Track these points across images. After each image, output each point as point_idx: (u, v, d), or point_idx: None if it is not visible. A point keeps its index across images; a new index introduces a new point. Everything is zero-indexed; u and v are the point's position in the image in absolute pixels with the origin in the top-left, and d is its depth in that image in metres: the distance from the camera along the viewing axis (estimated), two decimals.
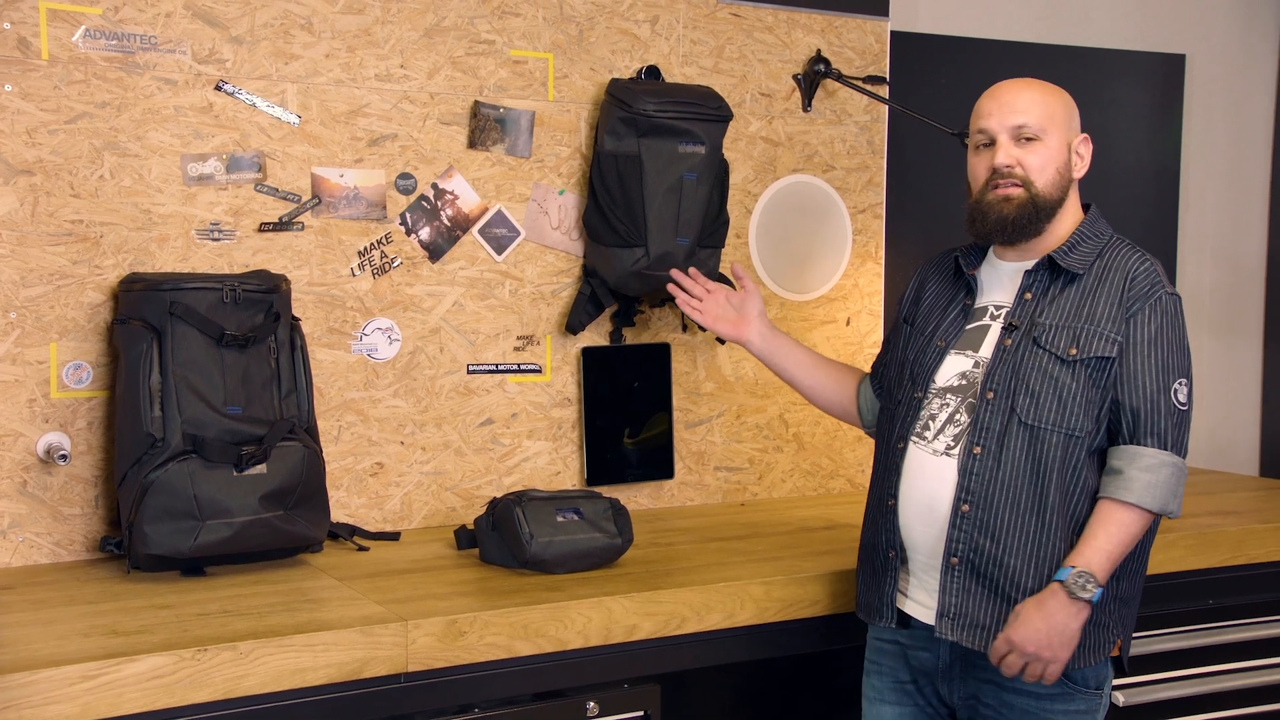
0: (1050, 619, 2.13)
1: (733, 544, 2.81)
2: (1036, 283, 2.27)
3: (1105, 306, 2.21)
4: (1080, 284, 2.24)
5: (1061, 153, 2.28)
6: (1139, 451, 2.17)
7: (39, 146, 2.55)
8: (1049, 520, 2.18)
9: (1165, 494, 2.17)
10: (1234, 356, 4.17)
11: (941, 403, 2.28)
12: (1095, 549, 2.15)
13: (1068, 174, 2.29)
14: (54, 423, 2.58)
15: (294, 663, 2.08)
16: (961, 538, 2.22)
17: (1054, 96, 2.30)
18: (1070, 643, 2.14)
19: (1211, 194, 4.13)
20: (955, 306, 2.35)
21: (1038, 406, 2.19)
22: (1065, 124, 2.29)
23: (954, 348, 2.31)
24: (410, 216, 2.89)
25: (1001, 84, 2.33)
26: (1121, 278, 2.22)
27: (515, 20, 2.98)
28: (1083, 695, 2.24)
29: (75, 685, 1.92)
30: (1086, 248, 2.27)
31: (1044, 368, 2.20)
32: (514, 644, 2.27)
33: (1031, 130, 2.26)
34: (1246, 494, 3.53)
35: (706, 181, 2.99)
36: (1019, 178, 2.26)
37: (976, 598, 2.21)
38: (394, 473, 2.90)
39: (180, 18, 2.66)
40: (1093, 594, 2.12)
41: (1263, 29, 4.12)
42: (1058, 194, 2.27)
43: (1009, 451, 2.19)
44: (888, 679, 2.39)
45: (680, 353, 3.21)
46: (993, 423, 2.21)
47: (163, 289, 2.48)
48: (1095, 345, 2.19)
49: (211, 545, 2.41)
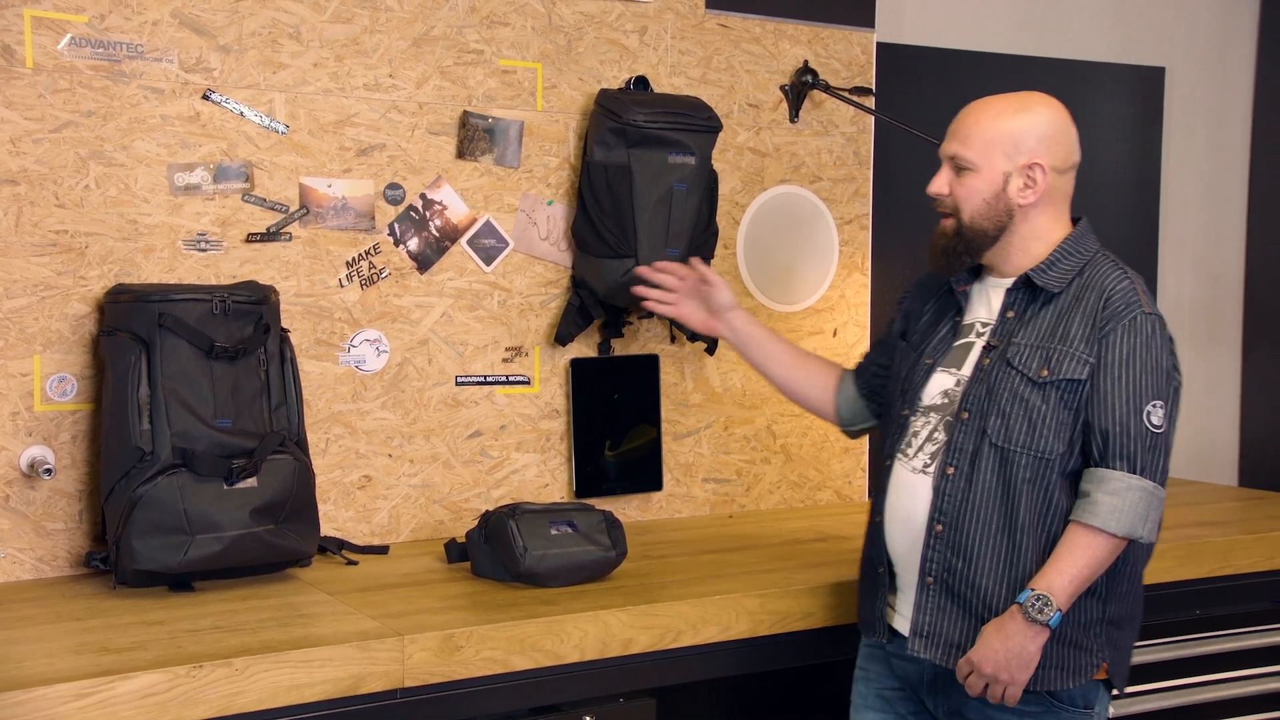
0: (1008, 641, 2.12)
1: (725, 556, 2.79)
2: (1016, 301, 2.25)
3: (1079, 326, 2.17)
4: (1057, 303, 2.20)
5: (994, 183, 2.21)
6: (1107, 475, 2.13)
7: (23, 155, 2.52)
8: (1020, 541, 2.17)
9: (1133, 519, 2.12)
10: (1213, 367, 4.20)
11: (924, 420, 2.28)
12: (1058, 572, 2.11)
13: (1001, 203, 2.21)
14: (38, 436, 2.54)
15: (289, 679, 2.05)
16: (935, 557, 2.21)
17: (1006, 121, 2.21)
18: (1028, 665, 2.12)
19: (1191, 205, 4.16)
20: (946, 323, 2.34)
21: (1008, 428, 2.17)
22: (1009, 152, 2.20)
23: (940, 365, 2.30)
24: (399, 227, 2.87)
25: (969, 105, 2.28)
26: (1097, 296, 2.18)
27: (504, 30, 2.96)
28: (1069, 713, 2.22)
29: (69, 704, 1.89)
30: (1066, 265, 2.22)
31: (1015, 389, 2.17)
32: (510, 658, 2.25)
33: (963, 160, 2.22)
34: (1229, 504, 3.55)
35: (696, 192, 2.99)
36: (949, 207, 2.25)
37: (950, 616, 2.21)
38: (382, 485, 2.88)
39: (167, 26, 2.63)
40: (1049, 617, 2.09)
41: (1241, 42, 4.16)
42: (989, 225, 2.22)
43: (980, 473, 2.18)
44: (873, 686, 2.39)
45: (668, 364, 3.20)
46: (966, 443, 2.20)
47: (151, 300, 2.45)
48: (1066, 367, 2.15)
49: (201, 560, 2.38)
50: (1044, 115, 2.24)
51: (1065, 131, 2.25)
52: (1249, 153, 4.16)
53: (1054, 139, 2.23)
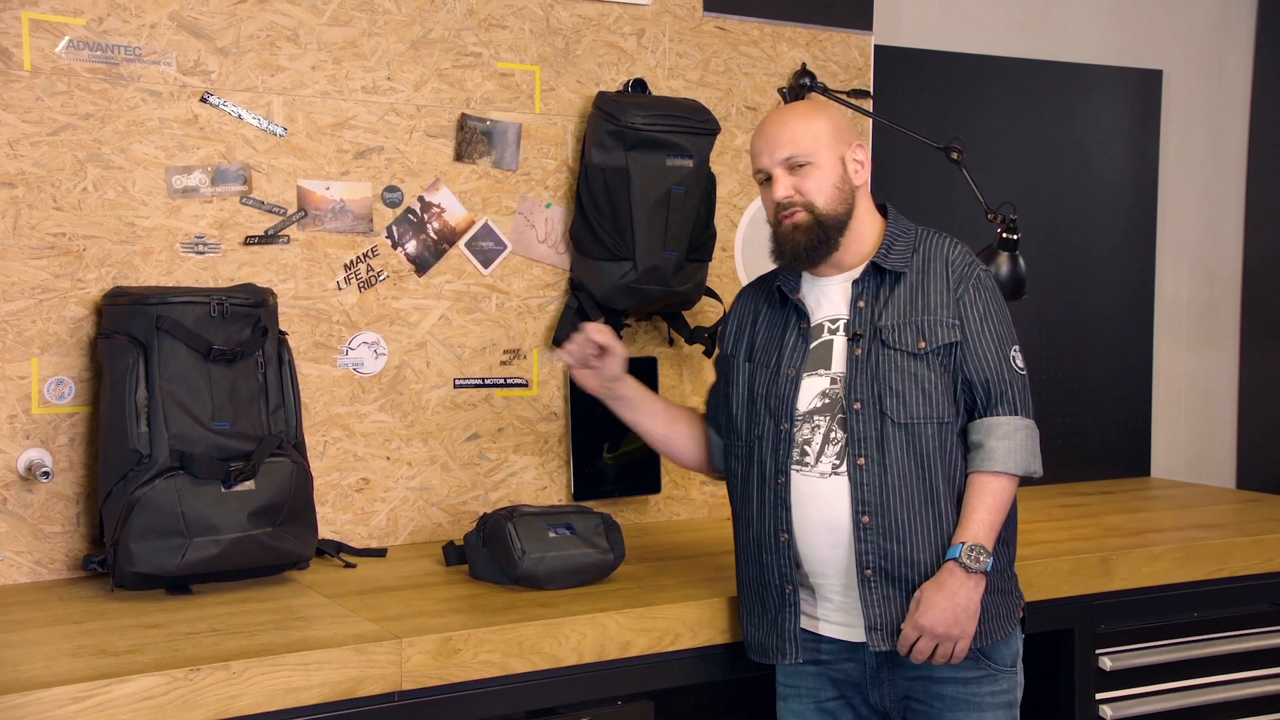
0: (953, 597, 2.19)
1: (723, 559, 2.79)
2: (866, 289, 2.33)
3: (936, 295, 2.30)
4: (906, 280, 2.31)
5: (835, 169, 2.32)
6: (994, 422, 2.27)
7: (21, 159, 2.52)
8: (942, 509, 2.26)
9: (1025, 456, 2.27)
10: (1211, 368, 4.20)
11: (812, 426, 2.30)
12: (978, 521, 2.23)
13: (847, 186, 2.33)
14: (35, 439, 2.54)
15: (287, 682, 2.05)
16: (869, 549, 2.25)
17: (816, 118, 2.34)
18: (974, 616, 2.22)
19: (1189, 207, 4.17)
20: (791, 332, 2.37)
21: (905, 405, 2.26)
22: (833, 140, 2.32)
23: (805, 371, 2.33)
24: (396, 229, 2.87)
25: (765, 120, 2.39)
26: (942, 265, 2.32)
27: (502, 33, 2.97)
28: (1004, 674, 2.32)
29: (66, 707, 1.88)
30: (901, 245, 2.34)
31: (900, 366, 2.26)
32: (509, 661, 2.25)
33: (800, 157, 2.30)
34: (1226, 507, 3.55)
35: (694, 194, 2.99)
36: (800, 204, 2.31)
37: (897, 604, 2.25)
38: (380, 488, 2.88)
39: (165, 29, 2.63)
40: (985, 564, 2.20)
41: (1238, 45, 4.16)
42: (842, 208, 2.32)
43: (890, 455, 2.25)
44: (807, 701, 2.38)
45: (667, 367, 3.20)
46: (868, 431, 2.26)
47: (149, 303, 2.45)
48: (940, 334, 2.27)
49: (199, 563, 2.37)
50: (836, 109, 2.45)
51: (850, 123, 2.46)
52: (1246, 155, 4.17)
53: (852, 128, 2.42)
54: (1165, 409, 4.16)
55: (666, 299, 3.03)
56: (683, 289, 3.02)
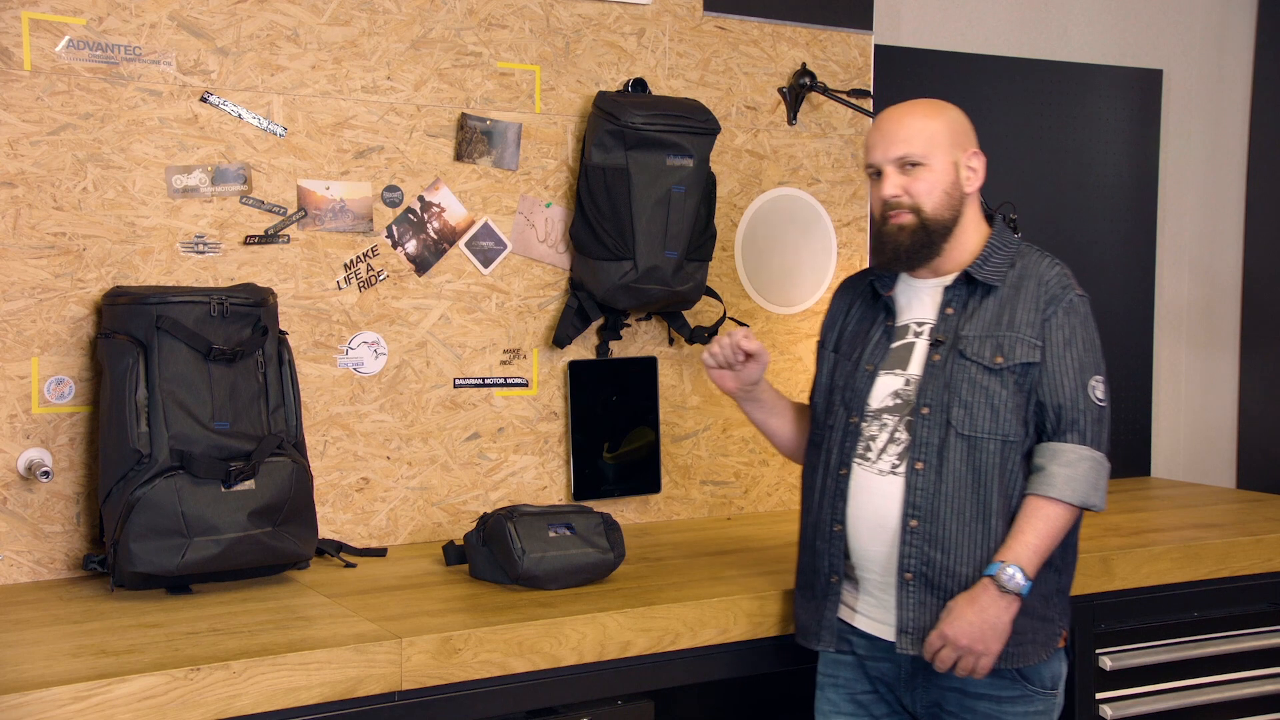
0: (983, 613, 2.19)
1: (723, 558, 2.79)
2: (956, 297, 2.32)
3: (1024, 313, 2.27)
4: (997, 294, 2.30)
5: (948, 173, 2.30)
6: (1060, 448, 2.24)
7: (21, 158, 2.52)
8: (993, 525, 2.24)
9: (1086, 488, 2.23)
10: (1211, 369, 4.19)
11: (880, 424, 2.32)
12: (1023, 544, 2.21)
13: (957, 192, 2.31)
14: (35, 439, 2.54)
15: (287, 682, 2.05)
16: (912, 553, 2.26)
17: (936, 119, 2.31)
18: (1002, 635, 2.20)
19: (1189, 208, 4.16)
20: (878, 328, 2.39)
21: (972, 417, 2.25)
22: (949, 144, 2.30)
23: (883, 369, 2.34)
24: (396, 229, 2.87)
25: (885, 114, 2.36)
26: (1035, 284, 2.29)
27: (502, 32, 2.96)
28: (1040, 696, 2.30)
29: (66, 706, 1.88)
30: (999, 259, 2.32)
31: (973, 378, 2.25)
32: (509, 661, 2.25)
33: (914, 157, 2.29)
34: (1227, 506, 3.55)
35: (694, 194, 2.99)
36: (908, 205, 2.30)
37: (932, 610, 2.25)
38: (380, 488, 2.88)
39: (165, 28, 2.63)
40: (1021, 587, 2.18)
41: (1238, 45, 4.16)
42: (949, 214, 2.30)
43: (949, 464, 2.25)
44: (843, 692, 2.40)
45: (667, 366, 3.20)
46: (931, 437, 2.26)
47: (149, 303, 2.45)
48: (1020, 352, 2.25)
49: (199, 563, 2.37)
50: (958, 113, 2.36)
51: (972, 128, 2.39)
52: (1246, 155, 4.16)
53: (971, 132, 2.36)
54: (1165, 409, 4.16)
55: (666, 299, 3.03)
56: (683, 289, 3.02)
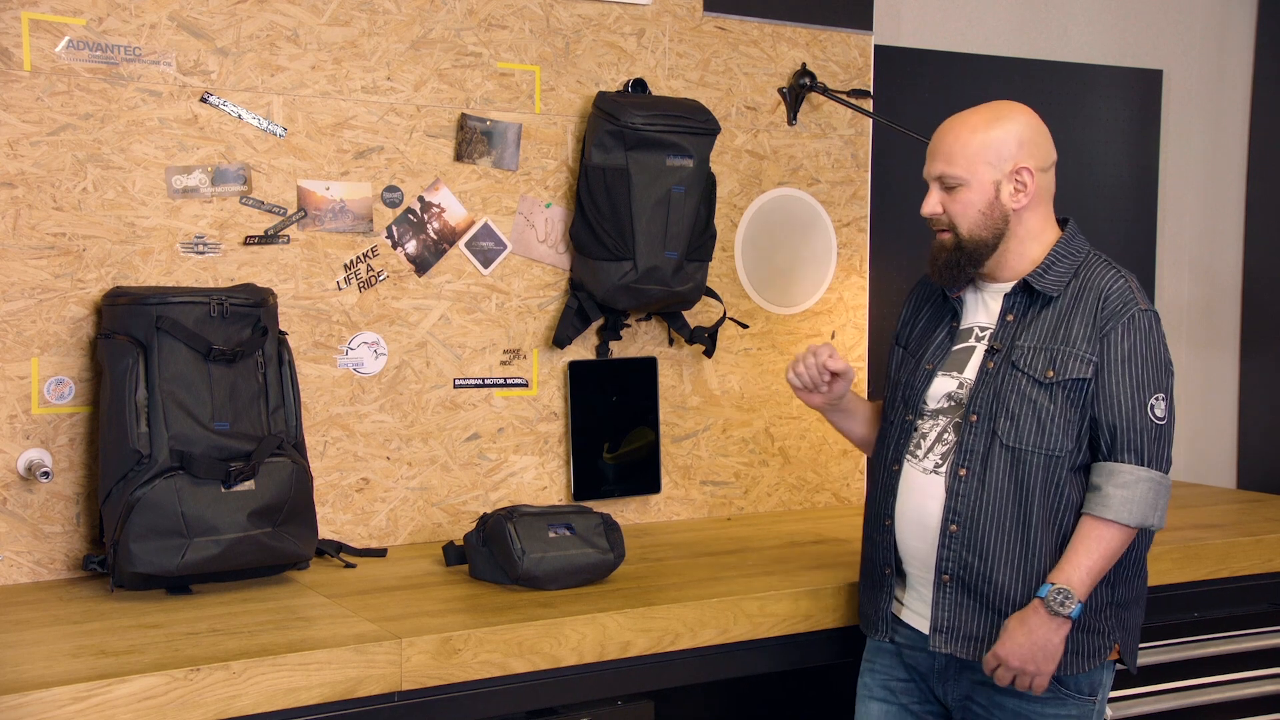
0: (1032, 635, 2.19)
1: (723, 559, 2.79)
2: (1016, 305, 2.31)
3: (1080, 327, 2.24)
4: (1056, 305, 2.27)
5: (986, 192, 2.27)
6: (1116, 468, 2.21)
7: (21, 159, 2.52)
8: (1034, 537, 2.23)
9: (1144, 509, 2.20)
10: (1211, 369, 4.19)
11: (932, 423, 2.33)
12: (1075, 566, 2.20)
13: (997, 212, 2.27)
14: (35, 439, 2.54)
15: (287, 682, 2.05)
16: (951, 556, 2.27)
17: (985, 133, 2.26)
18: (1054, 656, 2.20)
19: (1189, 208, 4.16)
20: (942, 329, 2.39)
21: (1018, 429, 2.23)
22: (994, 161, 2.26)
23: (941, 369, 2.35)
24: (396, 230, 2.87)
25: (944, 124, 2.33)
26: (1096, 297, 2.25)
27: (502, 33, 2.96)
28: (1075, 700, 2.29)
29: (66, 707, 1.88)
30: (1062, 268, 2.29)
31: (1022, 390, 2.23)
32: (509, 661, 2.25)
33: (952, 179, 2.28)
34: (1227, 507, 3.55)
35: (694, 195, 2.99)
36: (945, 224, 2.30)
37: (968, 611, 2.27)
38: (380, 488, 2.87)
39: (165, 29, 2.63)
40: (1071, 609, 2.18)
41: (1238, 45, 4.16)
42: (987, 234, 2.28)
43: (992, 473, 2.24)
44: (880, 677, 2.43)
45: (666, 367, 3.20)
46: (976, 445, 2.26)
47: (149, 303, 2.45)
48: (1071, 367, 2.22)
49: (199, 563, 2.37)
50: (1019, 120, 2.30)
51: (1041, 132, 2.32)
52: (1246, 155, 4.16)
53: (1033, 141, 2.29)
54: None
55: (666, 299, 3.03)
56: (682, 289, 3.01)
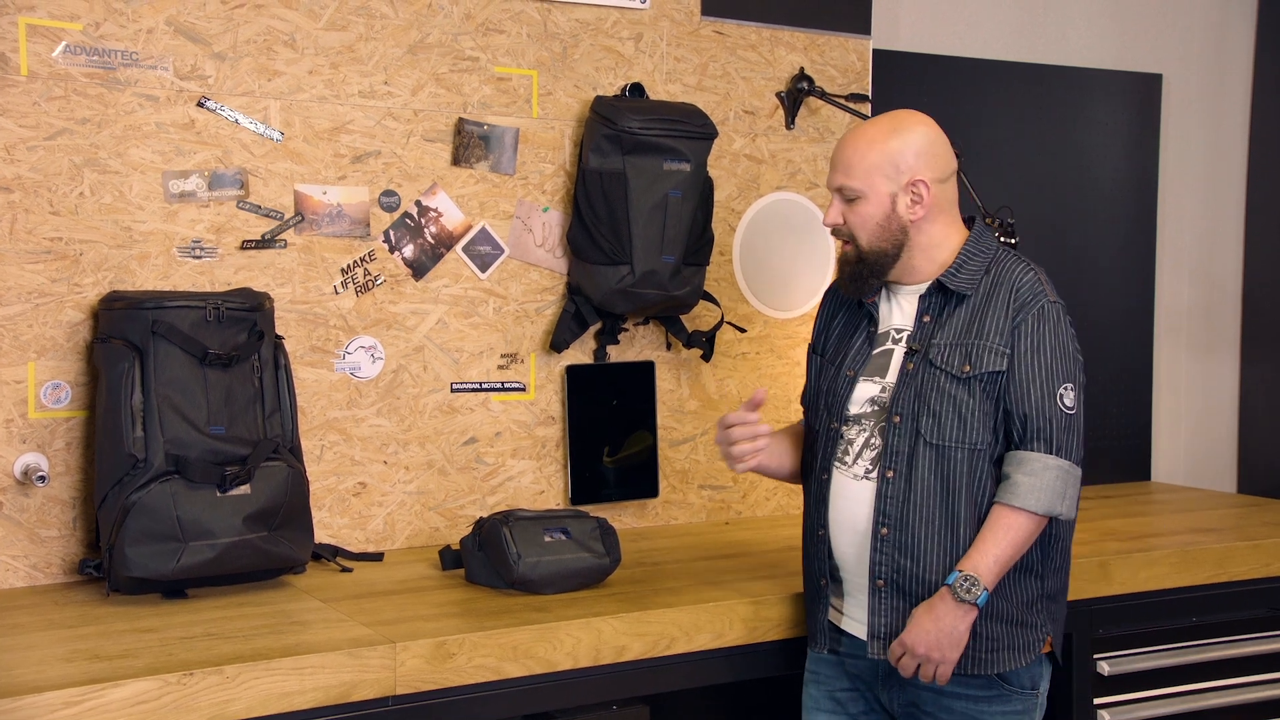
0: (939, 622, 2.21)
1: (720, 563, 2.79)
2: (931, 305, 2.34)
3: (993, 321, 2.27)
4: (970, 302, 2.30)
5: (882, 205, 2.29)
6: (1025, 457, 2.24)
7: (18, 163, 2.52)
8: (960, 533, 2.26)
9: (1051, 497, 2.22)
10: (1211, 373, 4.19)
11: (858, 429, 2.34)
12: (983, 554, 2.21)
13: (895, 224, 2.30)
14: (31, 443, 2.54)
15: (281, 686, 2.05)
16: (883, 560, 2.28)
17: (882, 145, 2.28)
18: (959, 644, 2.21)
19: (1189, 212, 4.16)
20: (860, 334, 2.41)
21: (940, 426, 2.26)
22: (890, 174, 2.28)
23: (863, 375, 2.36)
24: (394, 234, 2.87)
25: (845, 135, 2.37)
26: (1008, 291, 2.28)
27: (499, 37, 2.97)
28: (1019, 696, 2.32)
29: (58, 712, 1.88)
30: (973, 266, 2.32)
31: (942, 387, 2.26)
32: (503, 665, 2.25)
33: (850, 190, 2.31)
34: (1226, 511, 3.54)
35: (691, 199, 2.99)
36: (846, 235, 2.34)
37: (903, 615, 2.28)
38: (377, 493, 2.87)
39: (162, 34, 2.63)
40: (977, 596, 2.19)
41: (1238, 49, 4.15)
42: (887, 245, 2.31)
43: (918, 472, 2.26)
44: (824, 688, 2.43)
45: (664, 371, 3.20)
46: (901, 446, 2.28)
47: (145, 307, 2.45)
48: (986, 360, 2.25)
49: (194, 567, 2.37)
50: (917, 132, 2.31)
51: (939, 143, 2.34)
52: (1246, 159, 4.16)
53: (929, 153, 2.31)
54: (1166, 414, 4.15)
55: (664, 303, 3.03)
56: (680, 293, 3.01)
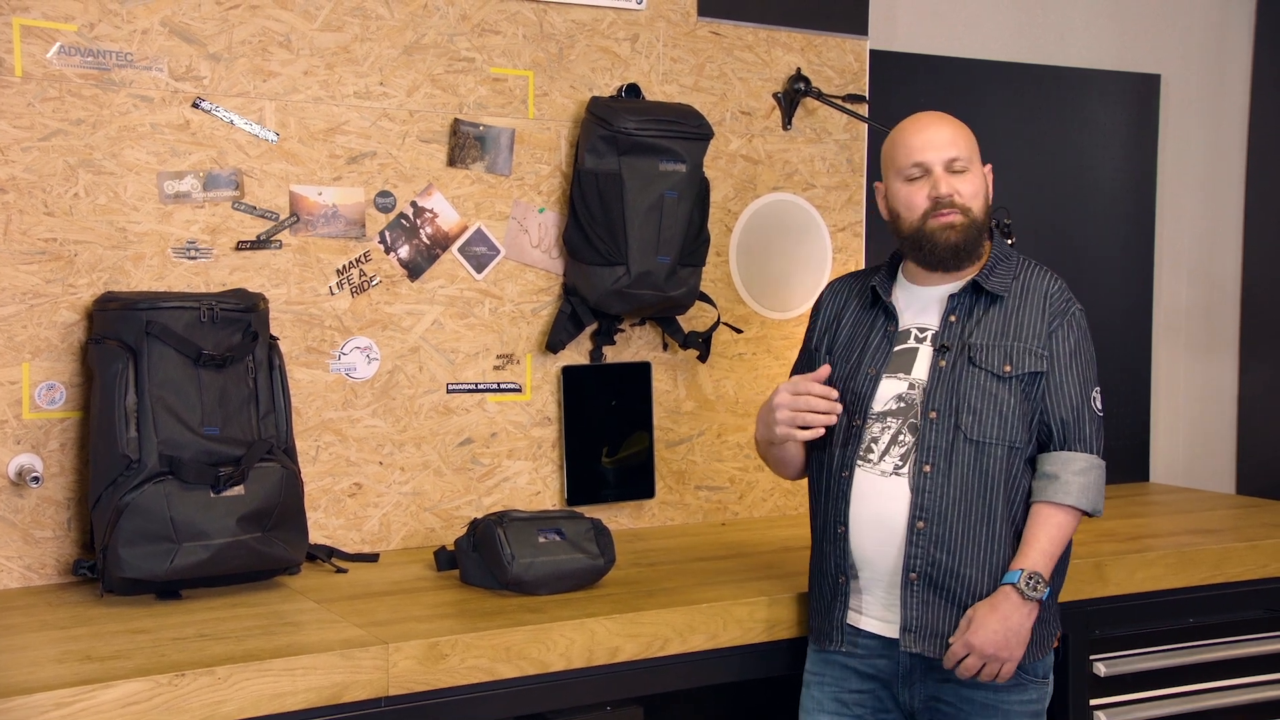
0: (1006, 620, 2.24)
1: (715, 564, 2.79)
2: (961, 305, 2.37)
3: (1030, 324, 2.34)
4: (1003, 305, 2.36)
5: (983, 180, 2.40)
6: (1071, 457, 2.31)
7: (12, 164, 2.52)
8: (996, 529, 2.30)
9: (1095, 495, 2.32)
10: (1210, 374, 4.18)
11: (882, 426, 2.35)
12: (1039, 551, 2.28)
13: (989, 199, 2.41)
14: (26, 444, 2.54)
15: (272, 687, 2.05)
16: (919, 554, 2.30)
17: (968, 131, 2.42)
18: (1024, 641, 2.27)
19: (1187, 213, 4.15)
20: (877, 332, 2.42)
21: (980, 422, 2.30)
22: (979, 155, 2.41)
23: (886, 372, 2.37)
24: (389, 235, 2.87)
25: (922, 118, 2.42)
26: (1040, 297, 2.36)
27: (495, 38, 2.97)
28: (1034, 685, 2.37)
29: (49, 713, 1.88)
30: (1003, 270, 2.39)
31: (982, 385, 2.31)
32: (496, 666, 2.24)
33: (963, 162, 2.37)
34: (1225, 512, 3.53)
35: (687, 200, 2.99)
36: (960, 205, 2.36)
37: (936, 610, 2.30)
38: (372, 493, 2.87)
39: (157, 34, 2.63)
40: (1043, 593, 2.26)
41: (1237, 49, 4.15)
42: (986, 218, 2.40)
43: (957, 467, 2.29)
44: (830, 689, 2.42)
45: (661, 371, 3.20)
46: (939, 441, 2.30)
47: (139, 308, 2.45)
48: (1027, 362, 2.32)
49: (188, 568, 2.37)
50: None
51: None
52: (1245, 159, 4.15)
53: None
54: (1164, 414, 4.14)
55: (660, 304, 3.03)
56: (676, 294, 3.01)
